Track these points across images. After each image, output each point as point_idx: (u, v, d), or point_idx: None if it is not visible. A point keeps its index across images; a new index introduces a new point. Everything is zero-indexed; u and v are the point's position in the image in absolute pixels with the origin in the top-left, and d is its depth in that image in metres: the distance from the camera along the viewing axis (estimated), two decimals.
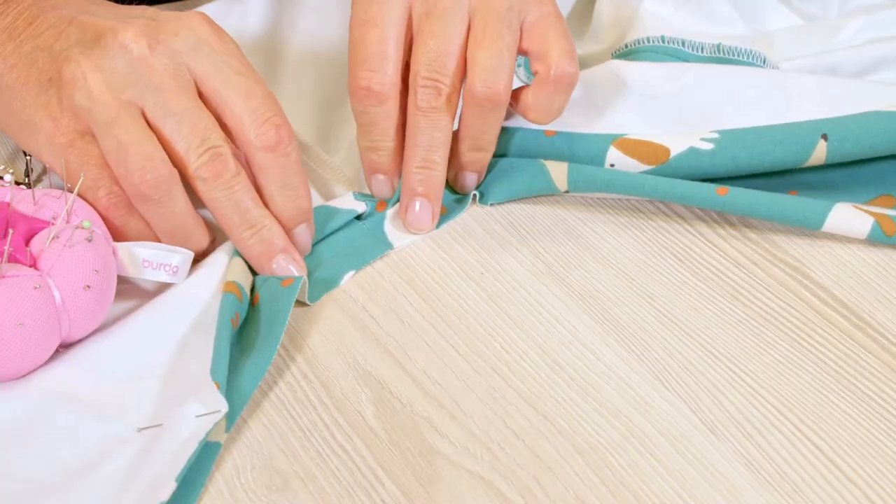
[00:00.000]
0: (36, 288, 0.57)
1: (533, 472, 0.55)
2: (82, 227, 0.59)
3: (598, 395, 0.59)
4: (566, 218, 0.69)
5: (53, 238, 0.59)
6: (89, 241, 0.59)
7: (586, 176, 0.68)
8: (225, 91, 0.61)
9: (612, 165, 0.69)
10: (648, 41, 0.76)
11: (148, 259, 0.61)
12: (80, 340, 0.60)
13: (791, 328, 0.62)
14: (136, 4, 0.67)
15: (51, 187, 0.64)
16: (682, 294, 0.65)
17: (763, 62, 0.75)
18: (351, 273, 0.65)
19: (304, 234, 0.65)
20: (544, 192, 0.69)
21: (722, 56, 0.75)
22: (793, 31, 0.79)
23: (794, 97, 0.71)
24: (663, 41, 0.76)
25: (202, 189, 0.61)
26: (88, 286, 0.58)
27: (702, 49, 0.75)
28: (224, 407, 0.55)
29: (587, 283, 0.65)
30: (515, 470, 0.55)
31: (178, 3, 0.86)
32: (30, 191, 0.62)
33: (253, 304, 0.62)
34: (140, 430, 0.56)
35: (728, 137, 0.68)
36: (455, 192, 0.70)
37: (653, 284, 0.65)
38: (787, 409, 0.58)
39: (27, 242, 0.59)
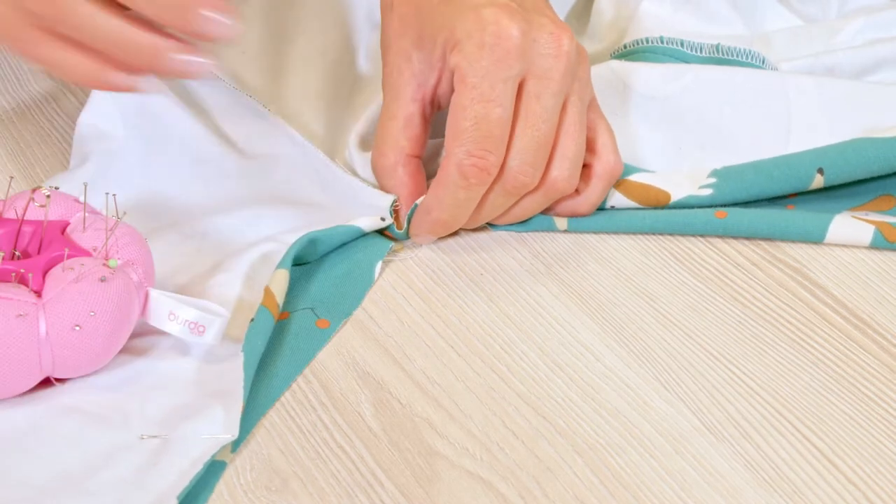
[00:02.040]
0: (19, 316, 0.55)
1: (532, 472, 0.55)
2: (107, 265, 0.58)
3: (597, 395, 0.59)
4: None
5: (67, 269, 0.57)
6: (102, 280, 0.57)
7: (586, 217, 0.68)
8: None
9: (612, 207, 0.69)
10: (648, 41, 0.76)
11: (174, 312, 0.59)
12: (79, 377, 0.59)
13: (791, 329, 0.62)
14: None
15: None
16: (682, 295, 0.65)
17: (762, 63, 0.75)
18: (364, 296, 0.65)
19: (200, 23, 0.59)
20: (543, 230, 0.69)
21: (721, 56, 0.75)
22: (792, 32, 0.79)
23: (792, 99, 0.71)
24: (662, 42, 0.76)
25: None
26: (78, 326, 0.56)
27: (701, 49, 0.75)
28: (236, 434, 0.55)
29: (587, 284, 0.65)
30: (515, 470, 0.55)
31: None
32: (81, 215, 0.60)
33: (280, 317, 0.62)
34: (142, 437, 0.56)
35: (726, 181, 0.68)
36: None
37: (652, 285, 0.65)
38: (786, 410, 0.58)
39: (50, 268, 0.58)
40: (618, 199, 0.69)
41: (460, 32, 0.63)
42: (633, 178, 0.69)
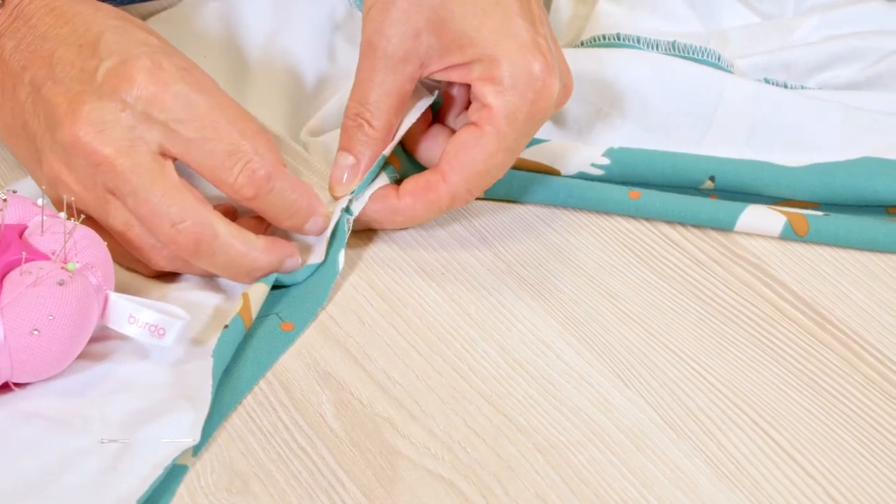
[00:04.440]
0: None
1: (494, 471, 0.55)
2: (65, 268, 0.57)
3: (558, 392, 0.59)
4: (526, 217, 0.69)
5: (25, 273, 0.57)
6: (60, 284, 0.56)
7: (501, 183, 0.69)
8: (188, 156, 0.61)
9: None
10: (604, 38, 0.76)
11: (133, 315, 0.58)
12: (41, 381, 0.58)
13: (751, 325, 0.63)
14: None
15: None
16: (643, 292, 0.65)
17: (718, 60, 0.75)
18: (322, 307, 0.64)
19: (312, 226, 0.65)
20: None
21: (677, 54, 0.75)
22: (749, 30, 0.79)
23: (725, 98, 0.72)
24: (619, 38, 0.76)
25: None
26: (37, 330, 0.56)
27: (657, 46, 0.76)
28: (198, 439, 0.55)
29: (548, 282, 0.65)
30: (476, 469, 0.55)
31: (149, 4, 0.85)
32: (40, 218, 0.60)
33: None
34: (103, 441, 0.55)
35: (618, 165, 0.69)
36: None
37: (613, 282, 0.65)
38: (746, 405, 0.58)
39: (7, 272, 0.58)
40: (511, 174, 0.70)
41: (505, 73, 0.63)
42: (524, 153, 0.70)
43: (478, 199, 0.70)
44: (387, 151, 0.67)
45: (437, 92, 0.68)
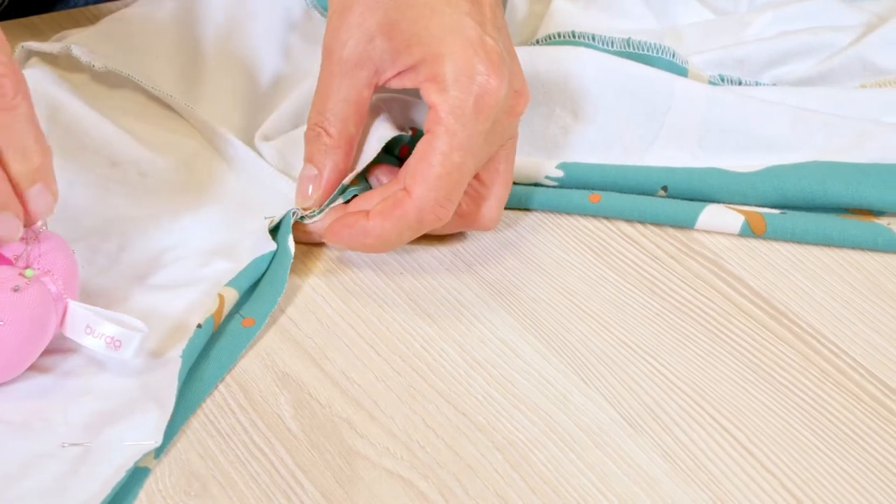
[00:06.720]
0: None
1: (453, 470, 0.55)
2: (23, 275, 0.57)
3: (517, 391, 0.59)
4: None
5: None
6: (15, 290, 0.56)
7: None
8: None
9: None
10: (559, 36, 0.76)
11: (91, 325, 0.58)
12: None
13: (708, 320, 0.63)
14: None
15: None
16: (600, 289, 0.65)
17: (672, 56, 0.76)
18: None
19: (39, 195, 0.58)
20: None
21: (631, 51, 0.76)
22: (703, 26, 0.80)
23: (676, 99, 0.72)
24: (573, 36, 0.76)
25: None
26: None
27: (612, 43, 0.76)
28: (159, 441, 0.55)
29: (506, 280, 0.65)
30: (435, 468, 0.55)
31: (105, 5, 0.85)
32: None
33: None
34: (64, 445, 0.55)
35: (573, 176, 0.70)
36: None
37: (571, 280, 0.65)
38: (704, 401, 0.58)
39: None
40: None
41: (447, 70, 0.62)
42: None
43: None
44: (347, 179, 0.66)
45: (409, 129, 0.68)
